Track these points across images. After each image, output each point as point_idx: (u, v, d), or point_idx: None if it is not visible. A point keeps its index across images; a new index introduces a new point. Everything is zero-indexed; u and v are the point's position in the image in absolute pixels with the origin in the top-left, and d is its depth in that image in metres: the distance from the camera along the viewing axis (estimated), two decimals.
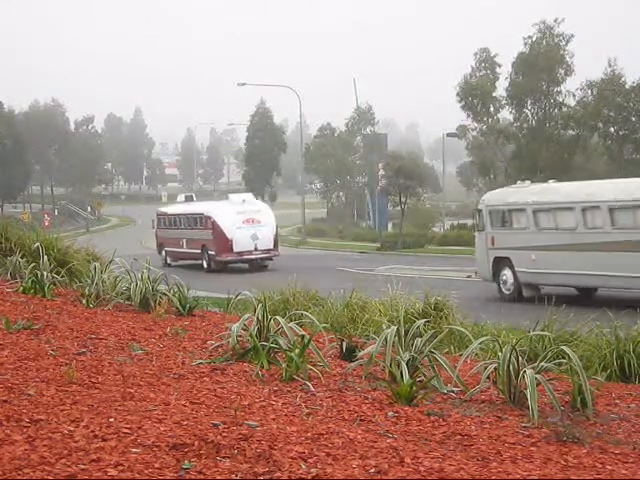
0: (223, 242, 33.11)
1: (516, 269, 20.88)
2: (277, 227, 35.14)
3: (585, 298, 15.31)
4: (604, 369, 7.82)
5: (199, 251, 34.53)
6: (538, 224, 20.78)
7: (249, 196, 36.96)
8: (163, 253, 37.07)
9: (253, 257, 33.35)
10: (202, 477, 3.64)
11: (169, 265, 34.25)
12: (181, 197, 43.64)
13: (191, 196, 43.01)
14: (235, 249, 33.07)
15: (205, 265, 33.79)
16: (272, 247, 33.90)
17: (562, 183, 23.56)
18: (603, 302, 10.74)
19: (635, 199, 18.20)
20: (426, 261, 35.93)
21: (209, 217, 34.15)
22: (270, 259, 33.86)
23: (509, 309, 15.22)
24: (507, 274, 21.22)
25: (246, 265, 33.85)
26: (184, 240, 35.65)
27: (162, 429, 4.27)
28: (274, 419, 4.81)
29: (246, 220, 33.54)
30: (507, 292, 20.99)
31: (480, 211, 22.90)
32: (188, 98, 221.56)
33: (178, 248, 36.03)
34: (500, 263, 21.45)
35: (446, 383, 6.30)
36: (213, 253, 33.60)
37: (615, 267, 18.23)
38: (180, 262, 35.22)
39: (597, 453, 4.66)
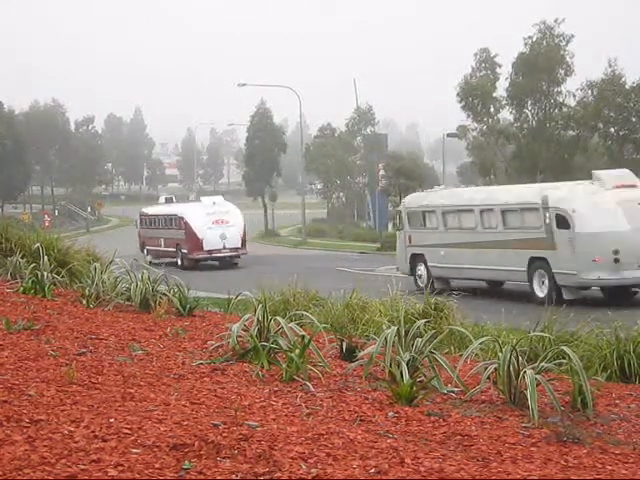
0: (194, 241, 35.78)
1: (429, 264, 23.56)
2: (245, 227, 37.43)
3: (494, 290, 16.54)
4: (604, 369, 7.82)
5: (174, 249, 37.00)
6: (446, 224, 23.59)
7: (219, 199, 39.51)
8: (145, 251, 39.14)
9: (222, 255, 35.96)
10: (202, 477, 3.64)
11: (150, 263, 35.27)
12: (162, 199, 46.66)
13: (171, 198, 45.78)
14: (205, 248, 35.66)
15: (179, 263, 35.64)
16: (240, 246, 36.57)
17: (466, 188, 28.03)
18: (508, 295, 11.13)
19: (520, 203, 21.19)
20: None
21: (182, 218, 36.92)
22: (238, 257, 36.42)
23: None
24: (422, 269, 23.86)
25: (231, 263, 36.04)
26: (162, 239, 38.37)
27: (162, 429, 4.27)
28: (274, 419, 4.81)
29: (215, 221, 36.19)
30: (421, 284, 22.86)
31: (400, 212, 25.89)
32: (188, 98, 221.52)
33: (157, 247, 38.61)
34: (416, 259, 24.15)
35: (446, 383, 6.30)
36: (185, 251, 36.17)
37: (505, 262, 20.95)
38: (160, 260, 36.43)
39: (597, 453, 4.66)
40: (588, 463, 4.42)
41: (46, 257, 11.24)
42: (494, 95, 48.87)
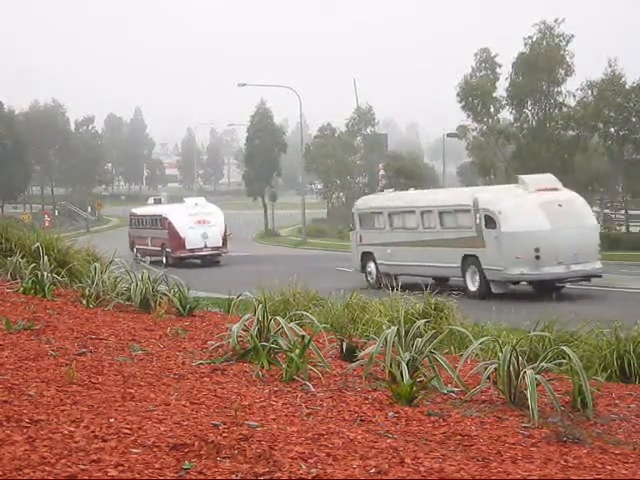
0: (177, 240, 37.82)
1: (377, 262, 25.34)
2: (226, 227, 39.54)
3: (440, 286, 18.22)
4: (604, 369, 7.82)
5: (160, 248, 38.76)
6: (392, 225, 25.50)
7: (201, 200, 42.05)
8: (134, 250, 40.71)
9: (203, 253, 37.80)
10: (202, 477, 3.64)
11: (139, 261, 37.11)
12: (150, 200, 49.39)
13: (159, 199, 48.76)
14: (187, 246, 37.66)
15: (164, 261, 36.80)
16: (221, 245, 38.55)
17: (409, 191, 29.80)
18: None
19: (455, 205, 23.23)
20: None
21: (166, 218, 39.05)
22: (219, 255, 38.39)
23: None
24: (371, 266, 25.66)
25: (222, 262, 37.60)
26: (149, 239, 40.41)
27: (162, 429, 4.27)
28: (274, 419, 4.81)
29: (197, 221, 38.24)
30: (371, 281, 25.16)
31: (353, 214, 27.71)
32: (188, 98, 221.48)
33: (145, 246, 40.31)
34: (366, 257, 25.94)
35: (446, 383, 6.30)
36: (169, 250, 38.08)
37: (442, 259, 22.62)
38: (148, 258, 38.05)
39: (597, 453, 4.66)
40: (588, 463, 4.42)
41: (46, 257, 11.24)
42: (494, 95, 48.83)
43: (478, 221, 21.76)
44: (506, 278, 21.16)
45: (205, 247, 37.91)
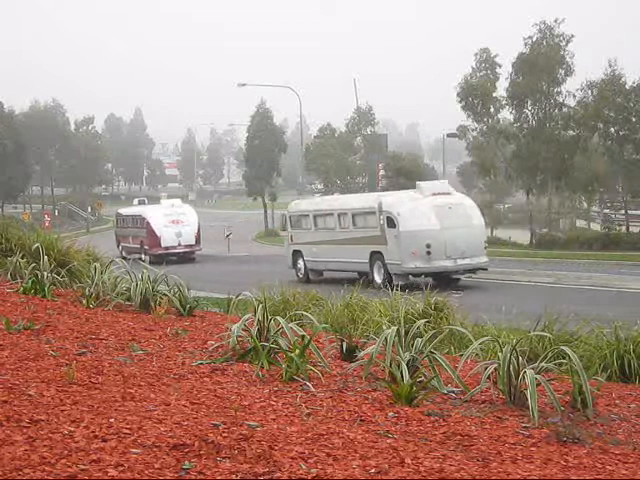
0: (153, 238, 40.93)
1: (305, 259, 28.60)
2: (199, 226, 42.40)
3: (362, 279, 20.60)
4: (604, 369, 7.82)
5: (139, 246, 41.56)
6: (316, 225, 28.74)
7: (177, 201, 46.12)
8: (120, 247, 43.47)
9: (177, 251, 40.57)
10: (202, 477, 3.64)
11: (124, 258, 38.60)
12: (135, 201, 52.92)
13: (143, 200, 51.83)
14: (163, 244, 40.64)
15: (143, 257, 38.56)
16: (194, 243, 41.68)
17: (330, 196, 36.11)
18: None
19: (364, 207, 26.39)
20: None
21: (144, 218, 42.21)
22: (193, 252, 41.20)
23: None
24: (300, 263, 28.82)
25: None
26: (131, 237, 43.56)
27: (162, 429, 4.27)
28: (274, 419, 4.81)
29: (172, 221, 41.51)
30: (300, 276, 28.61)
31: (284, 216, 31.22)
32: (188, 98, 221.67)
33: (128, 243, 43.32)
34: (296, 255, 29.09)
35: (446, 383, 6.30)
36: (147, 248, 40.89)
37: (355, 256, 25.71)
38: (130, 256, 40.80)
39: (597, 453, 4.66)
40: (588, 463, 4.42)
41: (46, 257, 11.24)
42: (494, 95, 48.85)
43: (382, 222, 24.96)
44: (404, 271, 24.16)
45: (179, 245, 40.98)
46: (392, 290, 10.97)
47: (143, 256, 38.64)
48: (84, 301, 9.84)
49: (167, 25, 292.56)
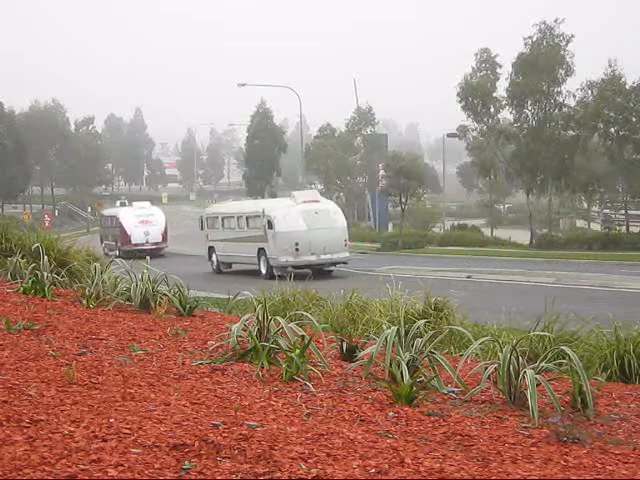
0: (125, 237, 45.97)
1: (217, 254, 33.94)
2: (166, 226, 47.37)
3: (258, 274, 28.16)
4: (604, 369, 7.81)
5: (114, 243, 46.63)
6: (224, 226, 34.14)
7: (147, 204, 51.74)
8: (102, 245, 47.34)
9: (145, 248, 43.80)
10: (202, 477, 3.64)
11: (107, 254, 42.08)
12: (117, 203, 58.04)
13: (124, 202, 56.16)
14: (133, 242, 45.22)
15: (117, 254, 42.23)
16: (160, 241, 46.65)
17: (234, 201, 46.82)
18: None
19: (253, 211, 31.98)
20: (427, 261, 35.96)
21: (117, 218, 47.67)
22: (161, 249, 45.58)
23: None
24: (214, 257, 34.23)
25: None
26: (109, 235, 48.47)
27: (162, 429, 4.27)
28: (274, 419, 4.81)
29: (141, 221, 46.62)
30: (214, 267, 34.09)
31: (201, 217, 36.59)
32: (188, 98, 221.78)
33: (108, 241, 48.25)
34: (211, 250, 34.53)
35: (446, 383, 6.30)
36: (120, 244, 45.70)
37: (248, 251, 31.04)
38: (110, 252, 44.04)
39: (597, 453, 4.66)
40: (588, 463, 4.42)
41: (46, 257, 11.23)
42: (494, 95, 48.86)
43: (264, 224, 30.33)
44: (279, 264, 28.97)
45: (147, 242, 45.72)
46: (275, 279, 12.95)
47: (117, 252, 42.74)
48: (84, 301, 9.84)
49: (167, 25, 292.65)
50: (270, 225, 29.96)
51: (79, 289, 10.73)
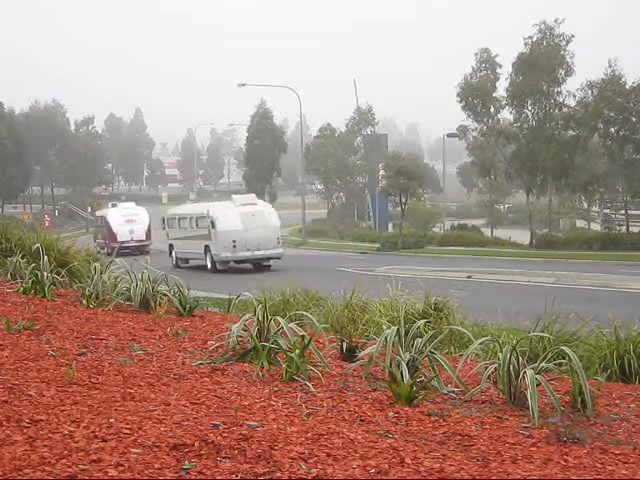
0: (112, 234, 50.39)
1: (175, 250, 38.40)
2: (150, 225, 50.97)
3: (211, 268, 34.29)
4: (604, 369, 7.81)
5: (104, 241, 50.77)
6: (180, 226, 38.44)
7: (132, 204, 56.51)
8: (95, 243, 50.57)
9: (130, 245, 48.25)
10: (202, 477, 3.64)
11: (99, 252, 45.67)
12: (108, 205, 61.62)
13: (115, 203, 59.34)
14: (118, 239, 49.01)
15: (105, 250, 45.65)
16: (144, 238, 50.84)
17: (188, 204, 51.28)
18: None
19: (200, 213, 36.40)
20: (427, 261, 35.98)
21: (105, 218, 52.52)
22: (145, 246, 49.62)
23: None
24: (173, 253, 38.53)
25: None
26: (100, 234, 53.49)
27: (162, 429, 4.27)
28: (274, 419, 4.81)
29: (126, 220, 51.02)
30: (174, 263, 37.55)
31: (164, 218, 40.48)
32: (188, 98, 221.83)
33: (99, 239, 52.56)
34: (170, 247, 39.00)
35: (446, 383, 6.30)
36: (107, 242, 49.57)
37: (197, 248, 35.71)
38: (100, 249, 47.07)
39: (597, 453, 4.66)
40: (588, 463, 4.42)
41: (46, 257, 11.23)
42: (494, 95, 48.90)
43: (209, 224, 34.87)
44: (220, 259, 34.34)
45: (132, 240, 49.76)
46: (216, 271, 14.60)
47: (105, 249, 46.49)
48: (84, 301, 9.83)
49: (167, 25, 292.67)
50: (213, 225, 34.78)
51: (79, 289, 10.72)
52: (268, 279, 14.42)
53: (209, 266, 34.63)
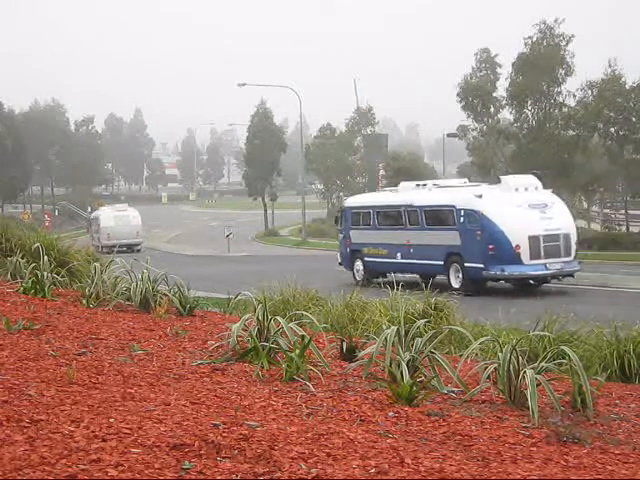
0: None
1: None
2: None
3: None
4: (604, 369, 7.82)
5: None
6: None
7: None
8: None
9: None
10: (202, 477, 3.64)
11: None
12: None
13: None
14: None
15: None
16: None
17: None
18: None
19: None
20: None
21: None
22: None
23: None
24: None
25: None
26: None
27: (162, 429, 4.27)
28: (274, 419, 4.81)
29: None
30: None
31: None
32: (188, 98, 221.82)
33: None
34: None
35: (446, 383, 6.30)
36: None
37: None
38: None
39: (597, 453, 4.66)
40: (588, 463, 4.42)
41: (46, 257, 11.22)
42: (494, 95, 48.85)
43: (98, 223, 47.19)
44: (102, 244, 44.76)
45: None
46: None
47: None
48: (84, 301, 9.83)
49: (167, 25, 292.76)
50: (97, 223, 53.80)
51: (79, 289, 10.72)
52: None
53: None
